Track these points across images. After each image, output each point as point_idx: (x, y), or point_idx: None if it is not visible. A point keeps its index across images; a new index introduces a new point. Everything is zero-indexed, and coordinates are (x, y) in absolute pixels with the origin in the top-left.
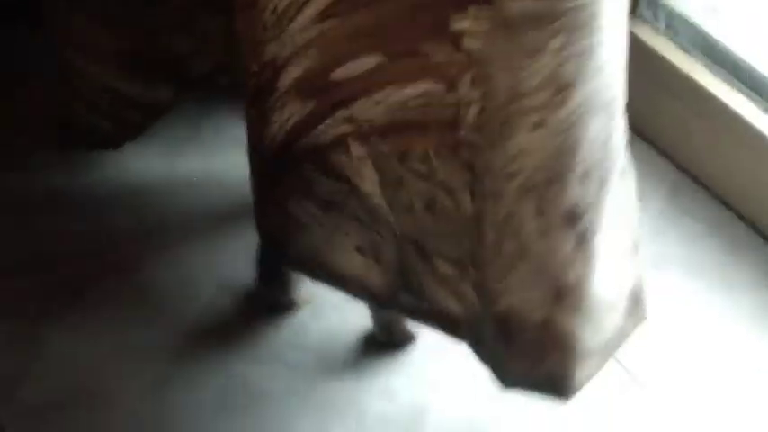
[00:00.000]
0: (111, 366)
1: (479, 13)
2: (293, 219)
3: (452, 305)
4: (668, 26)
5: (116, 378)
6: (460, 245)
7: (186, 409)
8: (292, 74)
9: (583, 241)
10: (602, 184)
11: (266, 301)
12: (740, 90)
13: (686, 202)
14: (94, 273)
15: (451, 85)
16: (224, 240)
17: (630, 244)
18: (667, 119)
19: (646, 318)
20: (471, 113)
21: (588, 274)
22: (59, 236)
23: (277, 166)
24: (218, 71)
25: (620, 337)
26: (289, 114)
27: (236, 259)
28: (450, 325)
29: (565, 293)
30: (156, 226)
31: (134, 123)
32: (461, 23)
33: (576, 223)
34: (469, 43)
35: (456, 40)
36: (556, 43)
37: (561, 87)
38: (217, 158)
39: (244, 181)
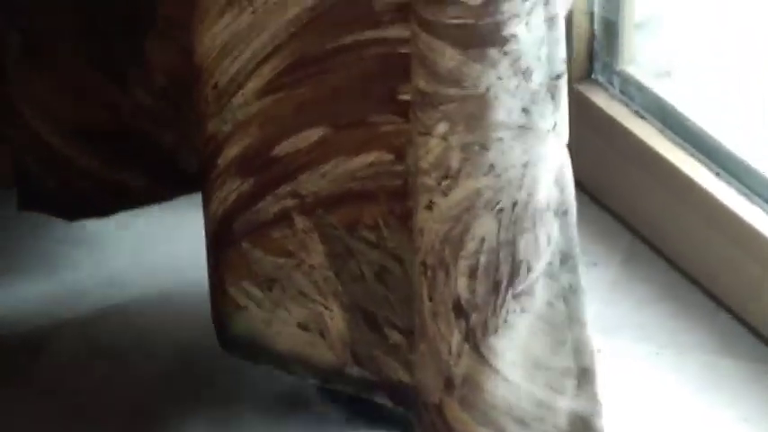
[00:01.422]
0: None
1: None
2: (232, 301)
3: (402, 375)
4: (622, 91)
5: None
6: (409, 314)
7: None
8: (232, 151)
9: (472, 338)
10: (497, 289)
11: None
12: (693, 155)
13: (641, 267)
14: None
15: (399, 155)
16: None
17: (573, 367)
18: (622, 183)
19: None
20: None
21: (480, 373)
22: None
23: (217, 246)
24: None
25: None
26: (228, 192)
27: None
28: (399, 396)
29: (453, 385)
30: (113, 285)
31: (94, 201)
32: (407, 95)
33: (463, 318)
34: None
35: (403, 110)
36: (440, 129)
37: (445, 175)
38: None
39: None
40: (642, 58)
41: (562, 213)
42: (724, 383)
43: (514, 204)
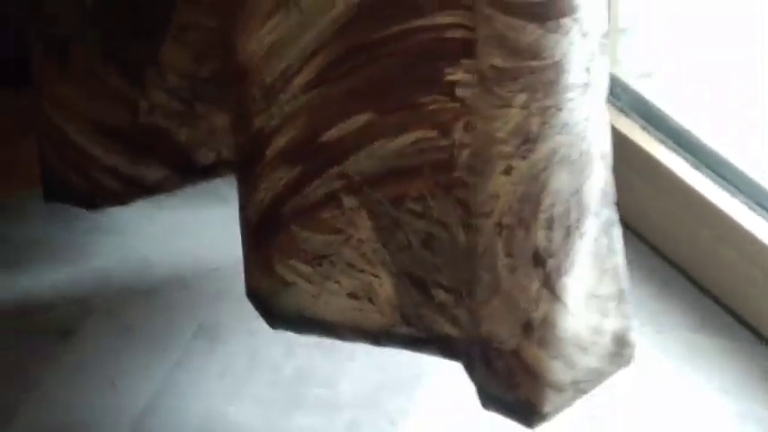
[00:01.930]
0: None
1: (469, 66)
2: (278, 278)
3: (449, 329)
4: (608, 91)
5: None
6: (455, 274)
7: None
8: (280, 142)
9: (549, 282)
10: (569, 233)
11: None
12: (673, 149)
13: (626, 251)
14: (82, 315)
15: (445, 131)
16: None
17: (614, 291)
18: None
19: (630, 363)
20: (464, 155)
21: (555, 312)
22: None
23: (264, 229)
24: (222, 165)
25: (598, 377)
26: (276, 180)
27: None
28: (447, 348)
29: (532, 327)
30: (140, 271)
31: (114, 192)
32: (455, 75)
33: (540, 265)
34: (461, 92)
35: (450, 90)
36: (520, 99)
37: (526, 140)
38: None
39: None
40: (625, 60)
41: (604, 156)
42: (703, 359)
43: (580, 155)
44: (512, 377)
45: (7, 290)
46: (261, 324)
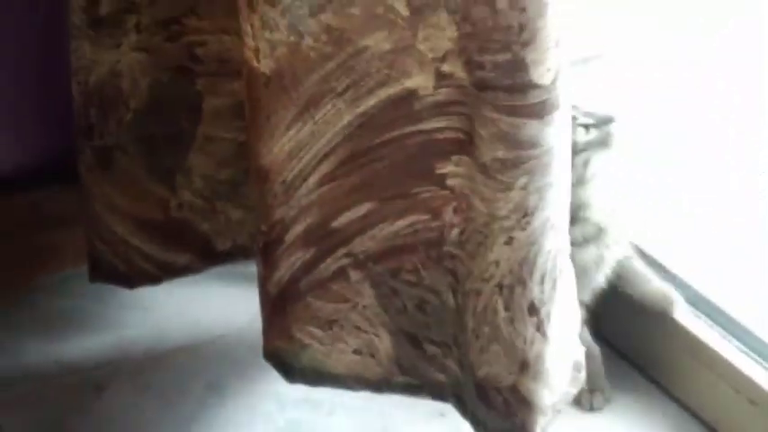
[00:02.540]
0: None
1: (459, 160)
2: (297, 342)
3: (439, 376)
4: None
5: None
6: (444, 331)
7: None
8: (297, 229)
9: (540, 327)
10: (554, 285)
11: None
12: None
13: None
14: (111, 375)
15: (436, 214)
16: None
17: (574, 327)
18: None
19: (582, 384)
20: (454, 233)
21: (544, 351)
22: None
23: (283, 302)
24: (237, 250)
25: (566, 398)
26: (295, 260)
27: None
28: (438, 392)
29: (527, 365)
30: (159, 338)
31: (149, 274)
32: (444, 168)
33: (535, 314)
34: (451, 182)
35: (441, 181)
36: (521, 182)
37: (526, 214)
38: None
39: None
40: None
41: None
42: None
43: (562, 219)
44: (509, 408)
45: (49, 354)
46: (258, 383)
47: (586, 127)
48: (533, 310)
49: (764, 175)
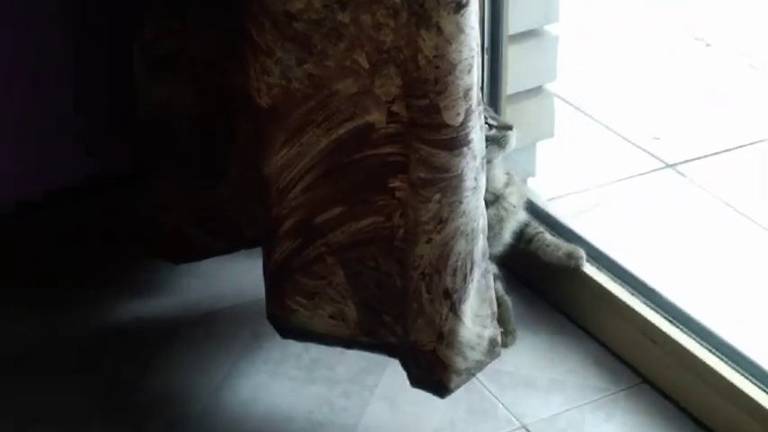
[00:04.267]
0: (189, 377)
1: (403, 177)
2: (288, 308)
3: (391, 338)
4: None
5: (191, 383)
6: (395, 304)
7: None
8: (288, 224)
9: (453, 308)
10: (465, 278)
11: None
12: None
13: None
14: (179, 325)
15: (389, 217)
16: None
17: (490, 312)
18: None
19: (498, 356)
20: (400, 232)
21: (457, 326)
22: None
23: (279, 278)
24: (259, 239)
25: (480, 365)
26: (286, 247)
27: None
28: (391, 350)
29: (443, 336)
30: (217, 299)
31: (191, 254)
32: (394, 183)
33: (448, 298)
34: (399, 194)
35: (392, 192)
36: (437, 197)
37: (440, 221)
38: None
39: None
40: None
41: (483, 230)
42: None
43: (472, 230)
44: (431, 367)
45: (132, 311)
46: None
47: (489, 126)
48: (447, 294)
49: None
